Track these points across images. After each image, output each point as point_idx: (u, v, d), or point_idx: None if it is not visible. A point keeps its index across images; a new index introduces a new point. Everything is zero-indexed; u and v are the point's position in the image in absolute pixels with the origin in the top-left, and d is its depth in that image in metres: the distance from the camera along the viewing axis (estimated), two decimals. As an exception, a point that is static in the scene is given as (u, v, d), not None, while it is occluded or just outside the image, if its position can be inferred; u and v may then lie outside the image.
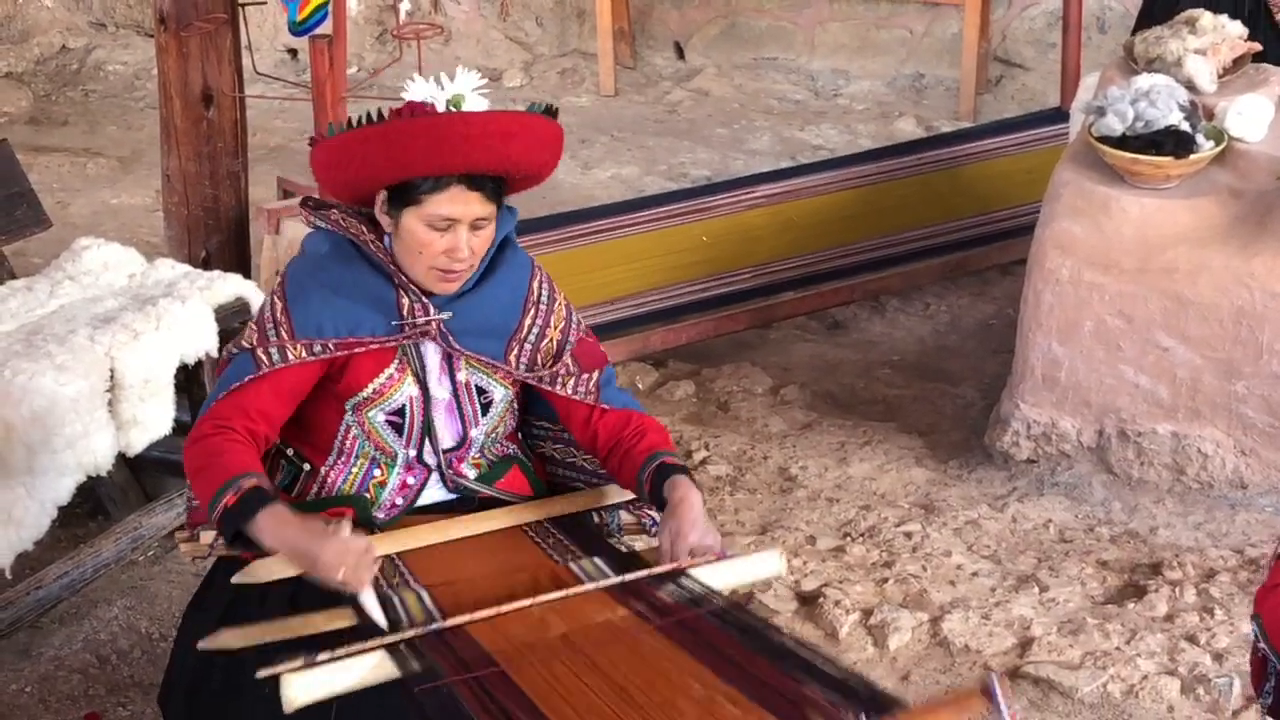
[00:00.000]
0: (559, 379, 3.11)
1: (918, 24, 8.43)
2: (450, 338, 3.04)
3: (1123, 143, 4.51)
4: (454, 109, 2.96)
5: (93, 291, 4.45)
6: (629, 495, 3.25)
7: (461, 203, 2.93)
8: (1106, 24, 7.92)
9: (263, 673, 2.65)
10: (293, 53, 8.81)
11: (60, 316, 4.27)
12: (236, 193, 5.25)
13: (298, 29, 4.90)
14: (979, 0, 7.98)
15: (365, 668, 2.66)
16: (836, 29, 8.59)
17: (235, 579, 2.96)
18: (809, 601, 4.18)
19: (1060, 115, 6.20)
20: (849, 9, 8.55)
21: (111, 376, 4.02)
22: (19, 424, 3.75)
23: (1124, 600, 4.19)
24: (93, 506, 4.48)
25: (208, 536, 3.08)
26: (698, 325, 5.58)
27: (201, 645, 2.82)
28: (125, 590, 4.27)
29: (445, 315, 3.03)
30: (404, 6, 5.52)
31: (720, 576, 2.93)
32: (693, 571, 2.89)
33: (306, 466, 3.13)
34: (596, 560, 2.97)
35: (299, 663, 2.62)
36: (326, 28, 4.82)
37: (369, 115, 2.92)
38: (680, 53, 8.94)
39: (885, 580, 4.28)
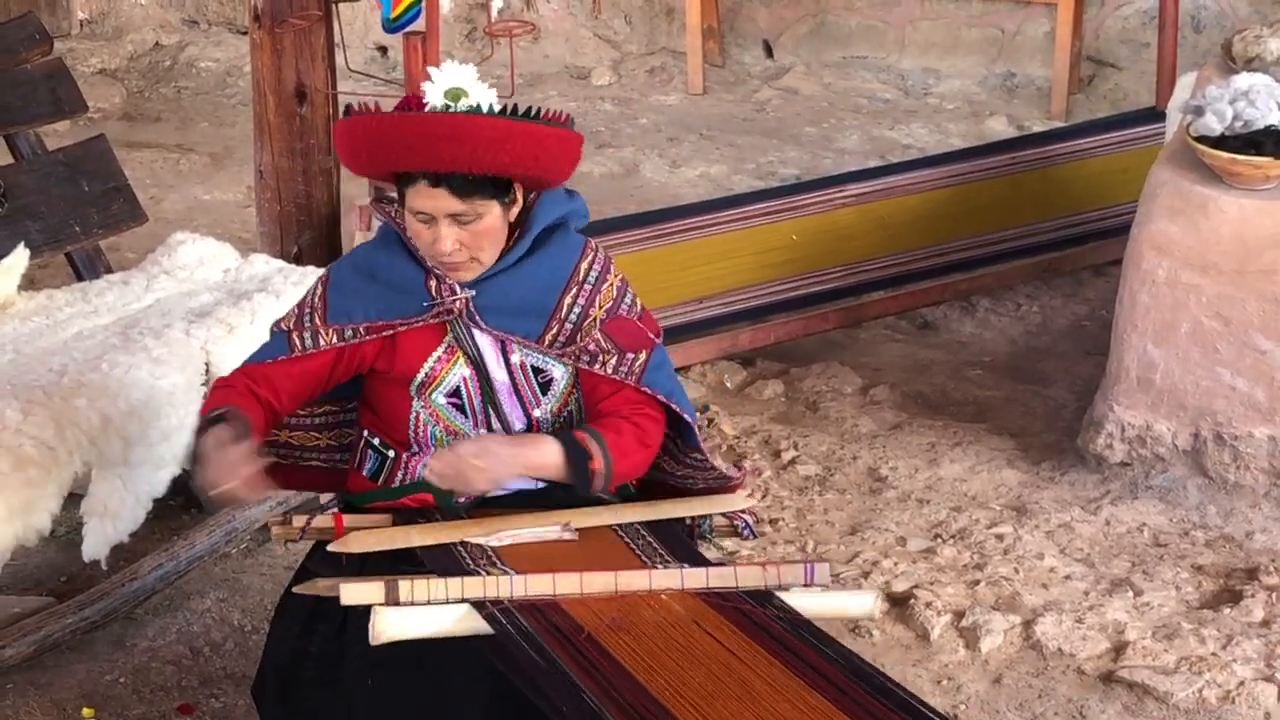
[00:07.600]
0: (599, 359, 3.11)
1: (1009, 23, 8.36)
2: (477, 315, 3.08)
3: (1221, 143, 4.45)
4: (451, 103, 2.97)
5: (188, 286, 4.48)
6: (719, 506, 3.28)
7: (428, 198, 2.98)
8: (1201, 23, 7.82)
9: (347, 599, 2.72)
10: (383, 50, 8.85)
11: (156, 310, 4.31)
12: (329, 189, 5.26)
13: (391, 25, 4.91)
14: (1072, -1, 7.92)
15: (456, 616, 2.71)
16: (927, 27, 8.53)
17: (330, 548, 3.01)
18: (900, 603, 4.15)
19: (1155, 115, 6.12)
20: (939, 8, 8.49)
21: (207, 370, 4.06)
22: (116, 417, 3.79)
23: (1219, 605, 4.14)
24: (186, 499, 4.49)
25: (299, 520, 3.14)
26: (787, 324, 5.57)
27: (297, 590, 2.90)
28: (218, 583, 4.30)
29: (470, 294, 3.08)
30: (496, 4, 5.49)
31: (809, 603, 2.95)
32: (782, 595, 2.94)
33: (391, 454, 3.18)
34: (685, 567, 2.97)
35: (380, 587, 2.70)
36: (420, 24, 4.83)
37: (351, 107, 3.05)
38: (769, 51, 8.91)
39: (977, 582, 4.24)
